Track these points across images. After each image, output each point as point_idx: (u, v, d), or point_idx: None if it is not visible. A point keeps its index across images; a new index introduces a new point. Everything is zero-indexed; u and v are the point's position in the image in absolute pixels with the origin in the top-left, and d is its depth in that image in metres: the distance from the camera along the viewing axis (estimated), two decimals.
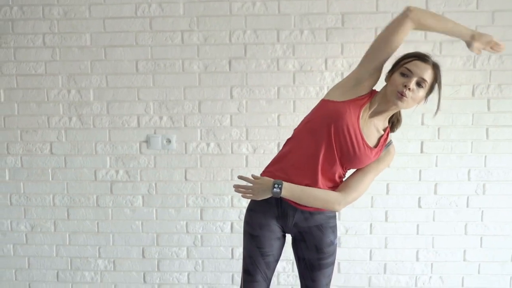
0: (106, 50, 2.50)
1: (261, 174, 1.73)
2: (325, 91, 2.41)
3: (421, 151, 2.47)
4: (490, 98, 2.43)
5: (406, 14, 1.55)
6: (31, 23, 2.50)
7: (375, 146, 1.64)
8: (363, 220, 2.53)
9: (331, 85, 2.40)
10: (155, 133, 2.54)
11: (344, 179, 1.73)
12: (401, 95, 1.53)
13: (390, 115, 1.68)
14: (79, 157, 2.57)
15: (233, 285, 2.61)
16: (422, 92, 1.58)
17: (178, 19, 2.46)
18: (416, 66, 1.55)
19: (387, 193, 2.51)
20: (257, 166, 2.48)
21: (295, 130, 1.74)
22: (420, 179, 2.49)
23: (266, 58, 2.45)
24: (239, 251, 2.58)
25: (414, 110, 2.43)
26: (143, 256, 2.62)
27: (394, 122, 1.73)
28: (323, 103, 1.66)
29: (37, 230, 2.64)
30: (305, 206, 1.67)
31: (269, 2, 2.41)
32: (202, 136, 2.52)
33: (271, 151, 2.47)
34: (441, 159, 2.47)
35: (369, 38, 2.38)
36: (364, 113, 1.63)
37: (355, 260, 2.56)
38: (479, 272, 2.54)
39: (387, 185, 2.50)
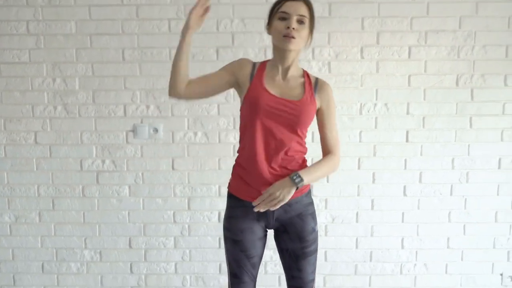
0: (91, 38, 2.47)
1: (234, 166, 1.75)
2: None
3: (407, 140, 2.51)
4: (473, 87, 2.47)
5: (175, 99, 1.70)
6: (14, 10, 2.45)
7: (303, 95, 1.64)
8: (349, 208, 2.56)
9: (318, 75, 2.43)
10: (142, 122, 2.52)
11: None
12: (288, 37, 1.55)
13: (292, 61, 1.65)
14: (65, 147, 2.54)
15: (221, 275, 2.61)
16: (306, 29, 1.59)
17: (165, 7, 2.44)
18: (290, 6, 1.57)
19: (373, 182, 2.54)
20: None
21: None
22: (405, 168, 2.53)
23: (254, 47, 2.45)
24: None
25: (399, 100, 2.48)
26: (130, 247, 2.61)
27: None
28: (240, 111, 1.69)
29: (21, 221, 2.60)
30: None
31: None
32: (189, 125, 2.51)
33: None
34: (426, 148, 2.51)
35: (356, 28, 2.43)
36: (273, 80, 1.64)
37: (341, 248, 2.59)
38: (462, 259, 2.59)
39: (373, 174, 2.53)
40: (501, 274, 2.60)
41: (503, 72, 2.46)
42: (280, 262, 1.81)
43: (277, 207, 1.59)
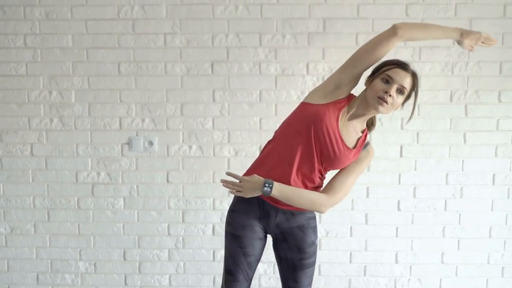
0: (88, 52, 2.49)
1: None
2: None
3: (401, 155, 2.51)
4: (467, 103, 2.48)
5: (394, 32, 1.61)
6: (12, 24, 2.48)
7: (354, 147, 1.69)
8: (343, 223, 2.56)
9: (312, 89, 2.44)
10: (137, 135, 2.53)
11: (324, 180, 1.77)
12: (382, 101, 1.58)
13: (368, 118, 1.73)
14: (60, 159, 2.55)
15: (215, 287, 2.62)
16: (400, 99, 1.63)
17: (160, 22, 2.46)
18: (397, 74, 1.60)
19: (367, 196, 2.54)
20: (239, 169, 2.49)
21: (275, 132, 1.77)
22: (399, 183, 2.53)
23: (249, 62, 2.46)
24: (220, 254, 2.59)
25: (394, 115, 2.49)
26: (124, 259, 2.62)
27: (368, 125, 1.78)
28: (303, 105, 1.70)
29: (17, 232, 2.62)
30: (287, 206, 1.70)
31: (251, 6, 2.43)
32: (184, 138, 2.52)
33: (253, 154, 2.48)
34: (420, 163, 2.51)
35: (350, 43, 2.43)
36: (343, 116, 1.67)
37: (335, 263, 2.59)
38: (456, 274, 2.59)
39: (367, 188, 2.53)
40: None
41: (497, 88, 2.46)
42: (274, 277, 1.83)
43: (235, 193, 1.67)
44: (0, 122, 2.54)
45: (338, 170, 1.74)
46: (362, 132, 1.73)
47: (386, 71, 1.61)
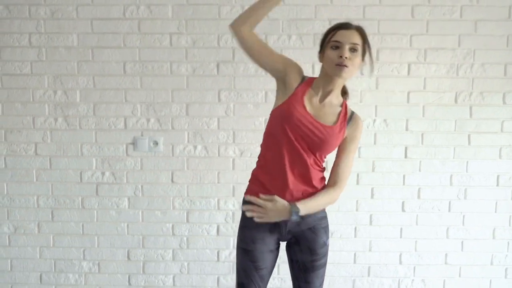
0: (93, 51, 2.48)
1: (249, 181, 1.76)
2: None
3: (405, 156, 2.52)
4: (472, 105, 2.49)
5: (232, 31, 1.67)
6: (17, 23, 2.47)
7: (336, 123, 1.66)
8: (348, 223, 2.57)
9: None
10: (142, 135, 2.53)
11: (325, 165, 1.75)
12: (341, 66, 1.56)
13: (339, 90, 1.69)
14: (65, 158, 2.55)
15: None
16: (357, 57, 1.60)
17: (166, 22, 2.46)
18: (343, 35, 1.58)
19: (372, 197, 2.55)
20: (244, 169, 2.50)
21: (260, 145, 1.78)
22: (404, 184, 2.54)
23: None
24: (224, 254, 2.59)
25: (399, 116, 2.50)
26: (128, 258, 2.61)
27: (343, 95, 1.75)
28: (271, 113, 1.70)
29: (20, 232, 2.61)
30: None
31: None
32: (189, 138, 2.52)
33: (258, 154, 2.47)
34: (425, 164, 2.52)
35: None
36: (311, 99, 1.65)
37: (339, 263, 2.59)
38: (460, 275, 2.60)
39: (372, 189, 2.54)
40: None
41: (501, 90, 2.47)
42: (278, 277, 1.82)
43: (258, 220, 1.61)
44: (4, 121, 2.53)
45: (336, 156, 1.72)
46: (342, 105, 1.70)
47: (331, 39, 1.60)
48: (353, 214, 2.56)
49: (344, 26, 1.61)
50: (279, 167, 1.64)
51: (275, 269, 2.55)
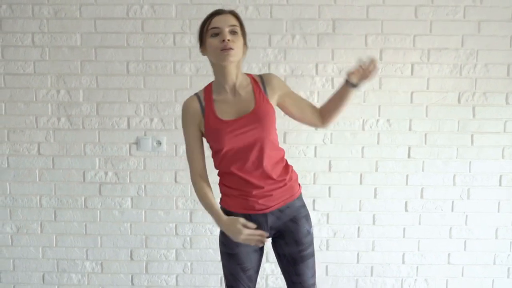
0: (96, 51, 2.48)
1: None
2: (316, 96, 2.46)
3: (408, 156, 2.52)
4: (475, 105, 2.49)
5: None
6: (20, 22, 2.46)
7: (256, 99, 1.64)
8: (351, 223, 2.57)
9: (322, 90, 2.46)
10: (145, 135, 2.53)
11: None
12: (226, 50, 1.54)
13: (238, 73, 1.65)
14: (68, 158, 2.54)
15: None
16: (239, 38, 1.59)
17: (170, 21, 2.45)
18: (218, 21, 1.58)
19: (375, 197, 2.55)
20: None
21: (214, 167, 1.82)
22: (407, 184, 2.54)
23: (258, 62, 2.46)
24: None
25: (402, 116, 2.50)
26: (131, 258, 2.61)
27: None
28: (207, 141, 1.75)
29: (23, 232, 2.60)
30: (273, 207, 1.67)
31: (261, 7, 2.43)
32: None
33: None
34: (428, 164, 2.53)
35: (359, 44, 2.45)
36: (223, 104, 1.64)
37: (342, 263, 2.60)
38: (462, 275, 2.60)
39: (375, 189, 2.54)
40: None
41: (504, 91, 2.48)
42: (281, 277, 1.82)
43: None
44: (7, 121, 2.52)
45: (293, 111, 1.74)
46: (251, 82, 1.68)
47: (209, 27, 1.59)
48: (356, 214, 2.56)
49: (217, 13, 1.61)
50: (238, 179, 1.66)
51: (279, 269, 2.56)
